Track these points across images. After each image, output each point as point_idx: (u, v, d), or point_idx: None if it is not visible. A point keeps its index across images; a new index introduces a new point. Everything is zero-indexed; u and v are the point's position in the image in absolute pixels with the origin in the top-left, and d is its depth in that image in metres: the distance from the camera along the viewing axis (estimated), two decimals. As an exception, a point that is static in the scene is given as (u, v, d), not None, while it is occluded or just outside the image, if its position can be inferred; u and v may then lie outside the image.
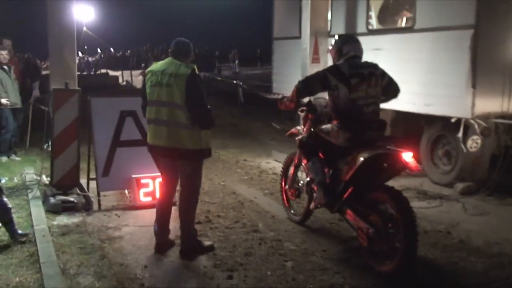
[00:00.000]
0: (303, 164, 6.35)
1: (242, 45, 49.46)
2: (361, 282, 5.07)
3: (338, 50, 5.82)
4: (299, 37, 10.56)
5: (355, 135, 5.45)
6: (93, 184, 7.53)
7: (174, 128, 5.46)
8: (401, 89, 8.38)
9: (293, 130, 6.80)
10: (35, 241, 6.00)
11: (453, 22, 7.83)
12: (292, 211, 6.83)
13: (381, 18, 9.80)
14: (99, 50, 47.58)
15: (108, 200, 7.59)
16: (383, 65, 9.04)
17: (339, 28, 10.10)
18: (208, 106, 5.52)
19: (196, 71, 5.52)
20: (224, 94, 22.57)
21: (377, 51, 9.21)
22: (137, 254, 5.73)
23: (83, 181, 7.73)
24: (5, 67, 10.18)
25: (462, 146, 7.96)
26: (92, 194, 7.44)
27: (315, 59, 9.47)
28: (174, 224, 6.58)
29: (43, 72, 16.36)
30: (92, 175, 7.53)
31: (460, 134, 7.96)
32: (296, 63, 10.77)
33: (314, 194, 5.93)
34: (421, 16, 8.39)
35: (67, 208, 7.13)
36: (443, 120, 8.30)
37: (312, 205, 6.12)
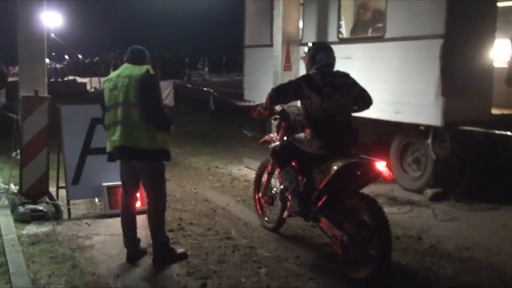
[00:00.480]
0: (276, 172, 6.35)
1: (209, 53, 49.51)
2: (334, 287, 5.10)
3: (311, 57, 5.84)
4: (270, 45, 10.61)
5: (328, 143, 5.51)
6: (62, 192, 7.44)
7: (128, 127, 5.43)
8: (372, 97, 8.49)
9: (266, 137, 6.87)
10: (4, 251, 5.90)
11: (423, 31, 7.94)
12: (266, 219, 6.81)
13: (351, 27, 9.90)
14: (67, 57, 47.00)
15: (78, 208, 7.50)
16: (354, 74, 9.14)
17: (310, 37, 10.17)
18: (162, 106, 5.55)
19: (151, 71, 5.55)
20: (195, 101, 22.54)
21: (348, 59, 9.29)
22: (109, 263, 5.66)
23: (52, 189, 7.62)
24: None
25: (431, 152, 8.07)
26: (62, 202, 7.33)
27: (287, 66, 9.52)
28: (146, 232, 6.55)
29: (10, 79, 16.12)
30: (62, 183, 7.44)
31: (429, 141, 8.08)
32: (267, 71, 10.80)
33: (288, 203, 5.94)
34: (391, 25, 8.50)
35: (36, 217, 7.02)
36: (412, 127, 8.40)
37: (285, 214, 6.11)
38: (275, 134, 6.56)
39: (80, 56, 45.34)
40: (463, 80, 7.76)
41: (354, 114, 5.91)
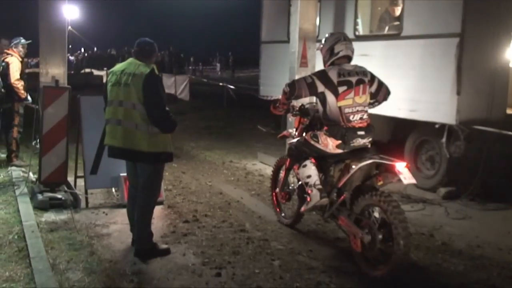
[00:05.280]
0: (294, 168, 6.30)
1: (222, 50, 49.40)
2: (347, 281, 5.19)
3: (330, 48, 5.73)
4: (287, 41, 10.66)
5: (343, 142, 5.51)
6: (80, 182, 7.57)
7: (129, 128, 5.42)
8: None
9: (284, 132, 6.89)
10: (24, 237, 6.04)
11: (440, 30, 7.98)
12: (282, 214, 6.83)
13: (368, 25, 9.95)
14: (83, 50, 47.33)
15: (96, 198, 7.64)
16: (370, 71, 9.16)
17: (327, 33, 10.21)
18: (167, 108, 5.49)
19: (156, 71, 5.47)
20: (210, 96, 22.67)
21: (364, 57, 9.32)
22: (126, 251, 5.79)
23: (70, 178, 7.75)
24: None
25: (445, 151, 8.11)
26: (80, 191, 7.47)
27: (303, 63, 9.56)
28: (161, 222, 6.68)
29: (31, 70, 16.29)
30: (80, 173, 7.57)
31: (443, 140, 8.11)
32: (283, 67, 10.86)
33: (308, 197, 5.75)
34: (408, 23, 8.54)
35: (54, 205, 7.16)
36: (427, 126, 8.44)
37: (303, 209, 5.92)
38: (294, 130, 6.55)
39: (95, 49, 45.62)
40: (479, 79, 7.79)
41: (370, 111, 5.91)
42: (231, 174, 9.64)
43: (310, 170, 5.76)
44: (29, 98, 9.69)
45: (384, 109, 8.78)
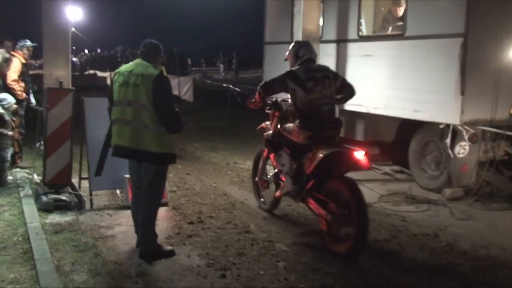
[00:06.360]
0: (270, 157, 6.97)
1: (225, 50, 49.28)
2: (351, 282, 5.18)
3: (295, 54, 6.50)
4: (290, 42, 10.62)
5: (314, 134, 6.11)
6: (85, 183, 7.57)
7: (138, 128, 5.45)
8: (391, 95, 8.59)
9: (262, 125, 7.51)
10: (28, 238, 6.05)
11: (443, 30, 7.96)
12: (262, 200, 7.49)
13: (372, 25, 9.94)
14: (86, 51, 47.39)
15: (100, 199, 7.65)
16: (373, 71, 9.25)
17: (330, 34, 10.23)
18: (176, 109, 5.54)
19: (164, 73, 5.52)
20: (213, 97, 22.66)
21: (368, 57, 9.36)
22: (131, 252, 5.79)
23: (75, 180, 7.76)
24: None
25: (450, 152, 8.10)
26: (84, 193, 7.47)
27: (307, 63, 9.56)
28: (166, 224, 6.68)
29: (34, 72, 16.32)
30: (84, 175, 7.58)
31: (448, 140, 8.10)
32: (287, 68, 10.85)
33: (282, 184, 6.57)
34: (411, 23, 8.52)
35: (59, 207, 7.18)
36: (432, 126, 8.43)
37: (278, 193, 6.76)
38: (269, 122, 7.17)
39: (99, 50, 45.66)
40: (483, 79, 7.77)
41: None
42: (236, 175, 9.63)
43: (284, 160, 6.51)
44: (32, 100, 9.69)
45: (388, 109, 8.84)
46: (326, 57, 10.08)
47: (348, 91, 6.62)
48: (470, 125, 7.82)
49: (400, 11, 9.07)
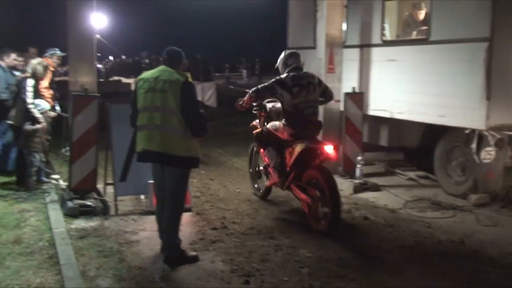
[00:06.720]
0: (260, 152, 7.90)
1: (248, 54, 49.19)
2: (376, 289, 5.15)
3: (284, 63, 7.35)
4: (313, 47, 10.64)
5: (297, 132, 7.03)
6: (109, 189, 7.64)
7: (167, 133, 5.55)
8: (416, 100, 8.59)
9: (254, 123, 8.25)
10: (54, 243, 6.11)
11: (468, 34, 7.88)
12: (256, 186, 8.50)
13: (395, 29, 9.88)
14: (111, 58, 47.79)
15: (125, 205, 7.70)
16: (397, 76, 9.19)
17: (353, 39, 10.20)
18: (202, 112, 5.68)
19: (190, 79, 5.65)
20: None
21: (392, 62, 9.30)
22: (155, 258, 5.82)
23: (100, 185, 7.83)
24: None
25: (476, 157, 8.00)
26: (109, 198, 7.54)
27: (330, 69, 9.51)
28: (189, 229, 6.71)
29: (60, 78, 16.48)
30: (109, 180, 7.64)
31: (473, 146, 8.00)
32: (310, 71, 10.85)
33: (270, 175, 7.61)
34: (436, 28, 8.45)
35: (84, 212, 7.24)
36: (457, 131, 8.34)
37: (268, 183, 7.86)
38: (258, 122, 8.06)
39: (123, 57, 46.00)
40: (509, 84, 7.67)
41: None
42: (259, 181, 9.62)
43: (271, 155, 7.51)
44: (57, 107, 9.80)
45: (413, 114, 8.77)
46: (349, 62, 10.05)
47: (328, 96, 7.63)
48: (496, 130, 7.71)
49: (425, 16, 9.00)
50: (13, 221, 6.96)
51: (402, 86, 9.05)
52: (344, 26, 10.16)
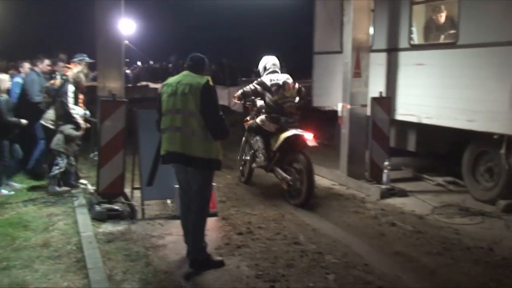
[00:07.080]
0: (250, 140, 9.15)
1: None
2: (403, 296, 5.10)
3: (264, 66, 8.86)
4: (340, 52, 10.61)
5: (279, 125, 8.35)
6: (136, 193, 7.70)
7: (187, 134, 5.63)
8: (444, 105, 8.55)
9: (247, 118, 9.39)
10: (81, 247, 6.18)
11: (497, 38, 7.78)
12: (241, 169, 9.82)
13: (423, 33, 9.79)
14: (139, 63, 48.19)
15: (151, 209, 7.76)
16: (425, 80, 9.14)
17: (381, 43, 10.14)
18: (222, 115, 5.72)
19: (211, 82, 5.71)
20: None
21: (420, 66, 9.23)
22: (181, 262, 5.85)
23: (127, 190, 7.90)
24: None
25: (505, 162, 7.88)
26: (136, 203, 7.60)
27: (357, 73, 9.47)
28: (215, 234, 6.72)
29: (89, 83, 16.66)
30: (136, 185, 7.71)
31: (503, 151, 7.88)
32: (336, 77, 10.83)
33: (257, 159, 8.89)
34: (464, 32, 8.36)
35: (112, 216, 7.31)
36: (486, 136, 8.22)
37: (254, 165, 9.15)
38: (250, 116, 9.26)
39: (151, 62, 46.33)
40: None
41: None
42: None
43: (259, 143, 8.81)
44: (87, 112, 9.92)
45: (440, 119, 8.68)
46: (377, 67, 10.00)
47: (303, 95, 8.87)
48: (526, 135, 7.59)
49: (453, 19, 8.90)
50: (42, 224, 7.06)
51: (430, 91, 8.97)
52: (371, 30, 10.11)
